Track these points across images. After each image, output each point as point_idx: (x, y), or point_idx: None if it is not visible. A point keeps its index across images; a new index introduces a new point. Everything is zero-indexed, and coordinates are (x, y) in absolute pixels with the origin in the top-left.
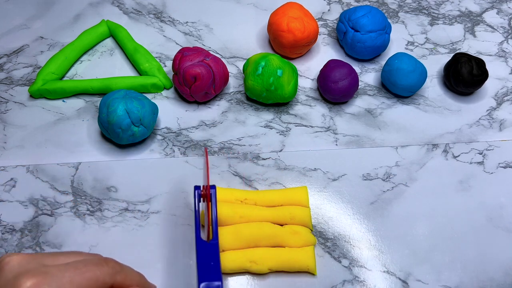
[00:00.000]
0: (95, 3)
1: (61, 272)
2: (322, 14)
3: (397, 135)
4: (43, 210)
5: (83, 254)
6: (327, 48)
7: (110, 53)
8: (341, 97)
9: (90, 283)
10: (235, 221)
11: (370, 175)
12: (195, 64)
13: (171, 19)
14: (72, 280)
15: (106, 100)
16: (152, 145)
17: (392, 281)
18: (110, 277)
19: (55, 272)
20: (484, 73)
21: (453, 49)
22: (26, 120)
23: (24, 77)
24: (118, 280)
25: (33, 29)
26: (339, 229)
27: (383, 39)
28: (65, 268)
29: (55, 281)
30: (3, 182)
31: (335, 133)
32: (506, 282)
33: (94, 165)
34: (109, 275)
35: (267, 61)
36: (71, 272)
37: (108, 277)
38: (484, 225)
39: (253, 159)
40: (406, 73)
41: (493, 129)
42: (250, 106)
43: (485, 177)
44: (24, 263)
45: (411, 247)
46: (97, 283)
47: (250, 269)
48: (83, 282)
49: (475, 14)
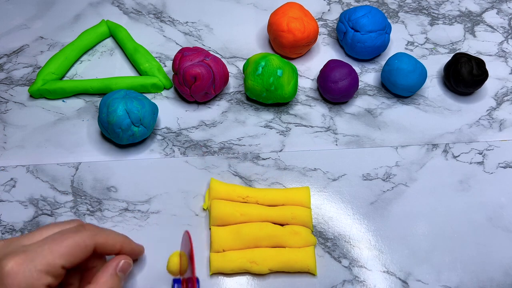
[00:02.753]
0: (95, 3)
1: (40, 246)
2: (322, 14)
3: (397, 135)
4: (43, 210)
5: (59, 224)
6: (327, 48)
7: (110, 53)
8: (341, 97)
9: (70, 249)
10: (236, 218)
11: (370, 175)
12: (195, 64)
13: (171, 19)
14: (52, 250)
15: (106, 100)
16: (152, 145)
17: (392, 281)
18: (90, 239)
19: (34, 248)
20: (484, 73)
21: (453, 49)
22: (26, 120)
23: (24, 77)
24: (100, 241)
25: (33, 29)
26: (339, 229)
27: (383, 39)
28: (43, 242)
29: (35, 256)
30: (3, 182)
31: (335, 133)
32: (506, 282)
33: (94, 165)
34: (89, 237)
35: (267, 61)
36: (50, 244)
37: (88, 240)
38: (484, 225)
39: (253, 159)
40: (406, 73)
41: (493, 129)
42: (250, 106)
43: (485, 177)
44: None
45: (411, 247)
46: (79, 248)
47: (250, 270)
48: (63, 250)
49: (475, 14)
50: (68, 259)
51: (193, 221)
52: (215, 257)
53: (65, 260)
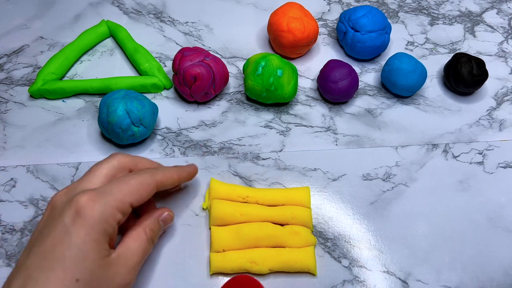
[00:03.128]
0: (95, 3)
1: (108, 186)
2: (322, 14)
3: (397, 135)
4: (43, 210)
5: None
6: (327, 48)
7: (110, 53)
8: (341, 97)
9: (136, 187)
10: (236, 218)
11: (370, 175)
12: (195, 64)
13: (171, 19)
14: (120, 189)
15: (106, 100)
16: (152, 145)
17: (392, 281)
18: (151, 178)
19: (103, 188)
20: (484, 73)
21: (453, 49)
22: (26, 120)
23: (24, 77)
24: (158, 178)
25: (33, 29)
26: (339, 229)
27: (383, 39)
28: (110, 183)
29: (106, 194)
30: (3, 182)
31: (335, 133)
32: (506, 282)
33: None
34: (150, 177)
35: (267, 61)
36: (117, 183)
37: (149, 179)
38: (484, 225)
39: (253, 159)
40: (406, 73)
41: (493, 129)
42: (250, 106)
43: (485, 177)
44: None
45: (411, 247)
46: (143, 186)
47: (250, 270)
48: (130, 188)
49: (475, 14)
50: (135, 197)
51: (193, 221)
52: (215, 257)
53: (132, 198)
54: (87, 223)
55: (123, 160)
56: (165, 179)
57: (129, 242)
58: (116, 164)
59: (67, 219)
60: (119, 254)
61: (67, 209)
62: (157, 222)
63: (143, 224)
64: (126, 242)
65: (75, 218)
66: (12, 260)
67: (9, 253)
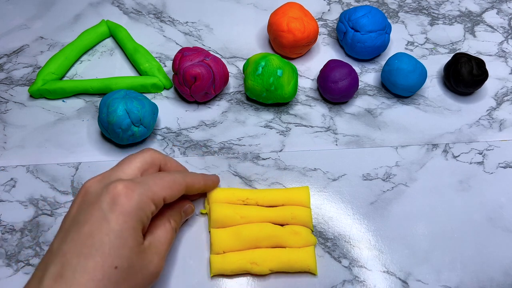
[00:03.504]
0: (95, 3)
1: (144, 179)
2: (322, 14)
3: (397, 135)
4: (43, 210)
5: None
6: (327, 48)
7: (110, 53)
8: (341, 97)
9: (170, 183)
10: (236, 221)
11: (370, 175)
12: (195, 64)
13: (171, 19)
14: (155, 182)
15: (106, 100)
16: (152, 145)
17: (392, 281)
18: (183, 179)
19: (139, 179)
20: (484, 73)
21: (453, 49)
22: (26, 120)
23: (24, 77)
24: (188, 180)
25: (33, 29)
26: (339, 229)
27: (383, 39)
28: (145, 176)
29: (142, 185)
30: (3, 182)
31: (335, 133)
32: (506, 282)
33: (94, 165)
34: (182, 177)
35: (267, 61)
36: (152, 178)
37: (181, 179)
38: (484, 225)
39: (253, 159)
40: (406, 73)
41: (493, 129)
42: (250, 106)
43: (485, 177)
44: (103, 179)
45: (411, 247)
46: (175, 184)
47: (251, 271)
48: (165, 183)
49: (475, 14)
50: (168, 192)
51: (193, 221)
52: (216, 258)
53: (166, 192)
54: (125, 210)
55: (156, 156)
56: (193, 183)
57: (156, 232)
58: (149, 159)
59: (105, 205)
60: (150, 242)
61: (104, 195)
62: (180, 213)
63: (167, 214)
64: (154, 232)
65: (112, 205)
66: (12, 260)
67: (9, 253)
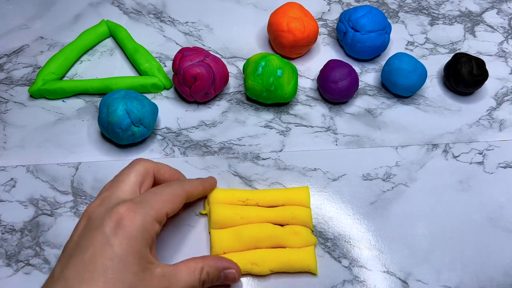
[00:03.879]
0: (95, 3)
1: (145, 197)
2: (322, 14)
3: (397, 135)
4: (43, 210)
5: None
6: (327, 48)
7: (110, 53)
8: (341, 97)
9: (170, 197)
10: (236, 222)
11: (370, 175)
12: (195, 64)
13: (171, 19)
14: (156, 199)
15: (106, 100)
16: (152, 145)
17: (392, 281)
18: (182, 189)
19: (139, 198)
20: (484, 73)
21: (453, 49)
22: (26, 120)
23: (24, 77)
24: (187, 188)
25: (33, 29)
26: (339, 229)
27: (383, 39)
28: (145, 194)
29: (144, 204)
30: (3, 182)
31: (335, 133)
32: (506, 282)
33: (94, 165)
34: (180, 187)
35: (267, 61)
36: (152, 194)
37: (180, 189)
38: (484, 225)
39: (253, 159)
40: (406, 73)
41: (493, 129)
42: (250, 106)
43: (485, 177)
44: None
45: (411, 247)
46: (176, 196)
47: (251, 271)
48: (165, 198)
49: (475, 14)
50: (170, 206)
51: (194, 221)
52: None
53: (168, 207)
54: (128, 233)
55: (148, 166)
56: (193, 190)
57: (180, 269)
58: (143, 170)
59: (108, 230)
60: (164, 273)
61: (107, 219)
62: (218, 271)
63: (205, 263)
64: (178, 268)
65: (116, 228)
66: (12, 260)
67: (9, 253)
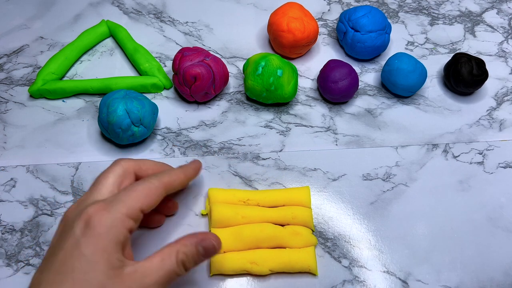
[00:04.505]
0: (95, 3)
1: (117, 195)
2: (322, 14)
3: (397, 135)
4: (43, 210)
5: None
6: (327, 48)
7: (110, 53)
8: (341, 97)
9: (145, 192)
10: (237, 221)
11: (370, 175)
12: (195, 64)
13: (171, 19)
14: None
15: (106, 100)
16: (152, 145)
17: (392, 281)
18: (159, 182)
19: (112, 197)
20: (484, 73)
21: (453, 49)
22: (26, 120)
23: (24, 77)
24: (165, 180)
25: (33, 29)
26: (339, 229)
27: (383, 39)
28: (118, 193)
29: (116, 202)
30: (3, 182)
31: (335, 133)
32: (506, 282)
33: (94, 165)
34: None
35: (267, 61)
36: (125, 191)
37: (157, 183)
38: (484, 225)
39: (253, 159)
40: (406, 73)
41: (493, 129)
42: (250, 106)
43: (485, 177)
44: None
45: (411, 247)
46: (151, 191)
47: (251, 271)
48: (139, 194)
49: (475, 14)
50: (144, 202)
51: (194, 221)
52: (216, 258)
53: (142, 203)
54: (96, 233)
55: (127, 165)
56: (172, 181)
57: (153, 259)
58: (121, 171)
59: (77, 231)
60: (136, 269)
61: (77, 221)
62: (195, 247)
63: (179, 244)
64: (151, 258)
65: (84, 229)
66: (12, 260)
67: (9, 253)
